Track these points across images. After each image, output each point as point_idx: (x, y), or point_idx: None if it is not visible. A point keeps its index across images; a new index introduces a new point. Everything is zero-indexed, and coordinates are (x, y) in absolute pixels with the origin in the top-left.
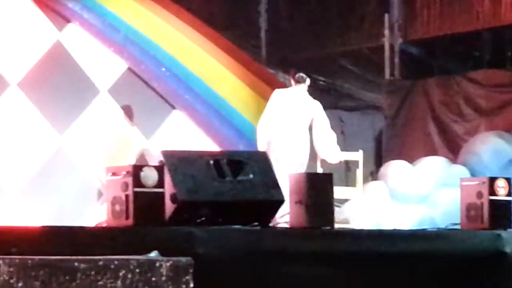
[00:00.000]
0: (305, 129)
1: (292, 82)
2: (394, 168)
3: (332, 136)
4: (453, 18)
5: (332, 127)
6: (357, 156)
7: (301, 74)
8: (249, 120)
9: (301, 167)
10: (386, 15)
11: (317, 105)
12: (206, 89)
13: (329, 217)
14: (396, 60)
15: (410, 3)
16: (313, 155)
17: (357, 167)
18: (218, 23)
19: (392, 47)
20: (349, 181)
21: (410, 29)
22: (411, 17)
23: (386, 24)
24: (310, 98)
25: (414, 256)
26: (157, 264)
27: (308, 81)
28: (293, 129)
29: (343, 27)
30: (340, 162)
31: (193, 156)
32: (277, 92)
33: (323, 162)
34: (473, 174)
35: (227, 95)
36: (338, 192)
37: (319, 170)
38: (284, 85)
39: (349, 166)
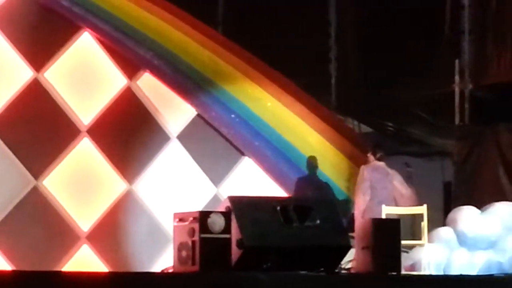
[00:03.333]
0: (390, 196)
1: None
2: (463, 213)
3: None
4: None
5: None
6: (422, 209)
7: (381, 154)
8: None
9: None
10: (457, 61)
11: (394, 176)
12: (275, 134)
13: (396, 263)
14: (466, 105)
15: (480, 49)
16: None
17: (422, 220)
18: (288, 70)
19: (462, 93)
20: (415, 234)
21: (480, 74)
22: (482, 62)
23: (457, 70)
24: (389, 169)
25: None
26: None
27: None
28: (379, 199)
29: (413, 73)
30: (406, 215)
31: (260, 202)
32: (363, 168)
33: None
34: None
35: (296, 140)
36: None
37: None
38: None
39: (414, 219)
